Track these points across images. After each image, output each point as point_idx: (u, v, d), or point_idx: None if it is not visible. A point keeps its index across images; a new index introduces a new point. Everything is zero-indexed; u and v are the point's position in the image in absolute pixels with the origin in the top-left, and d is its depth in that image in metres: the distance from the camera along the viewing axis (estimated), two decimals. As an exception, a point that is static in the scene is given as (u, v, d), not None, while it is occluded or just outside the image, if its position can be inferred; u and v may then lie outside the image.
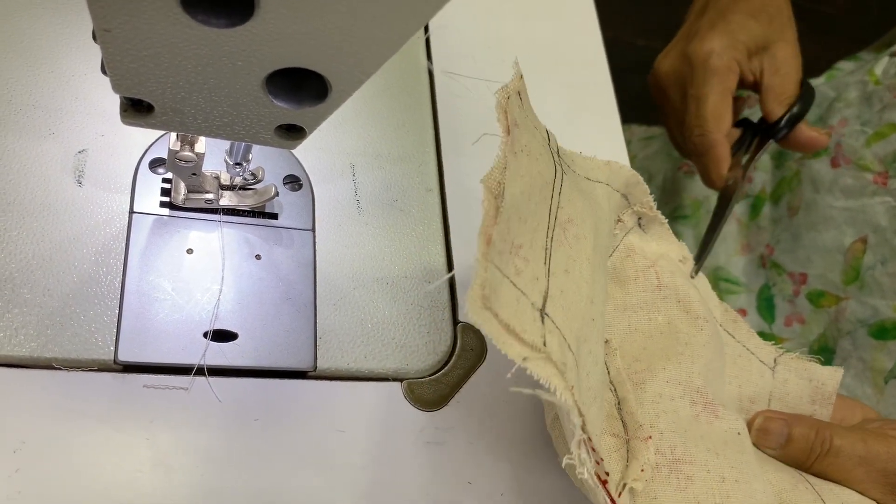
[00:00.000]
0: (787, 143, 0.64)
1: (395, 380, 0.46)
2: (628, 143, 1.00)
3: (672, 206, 0.89)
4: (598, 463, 0.36)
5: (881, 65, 0.74)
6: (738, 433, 0.44)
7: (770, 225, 0.81)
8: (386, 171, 0.53)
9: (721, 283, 0.82)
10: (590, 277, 0.41)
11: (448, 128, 0.58)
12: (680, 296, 0.49)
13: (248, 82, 0.30)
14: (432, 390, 0.47)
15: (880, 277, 0.68)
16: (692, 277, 0.50)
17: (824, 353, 0.72)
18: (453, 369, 0.48)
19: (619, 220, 0.51)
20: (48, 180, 0.44)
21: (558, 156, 0.44)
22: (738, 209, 0.85)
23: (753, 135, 0.65)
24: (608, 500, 0.37)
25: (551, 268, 0.37)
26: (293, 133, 0.35)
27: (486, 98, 0.61)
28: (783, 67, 0.62)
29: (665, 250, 0.52)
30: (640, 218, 0.53)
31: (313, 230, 0.48)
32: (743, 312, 0.80)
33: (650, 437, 0.42)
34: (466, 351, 0.49)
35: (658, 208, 0.52)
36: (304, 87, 0.30)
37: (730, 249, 0.84)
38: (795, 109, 0.62)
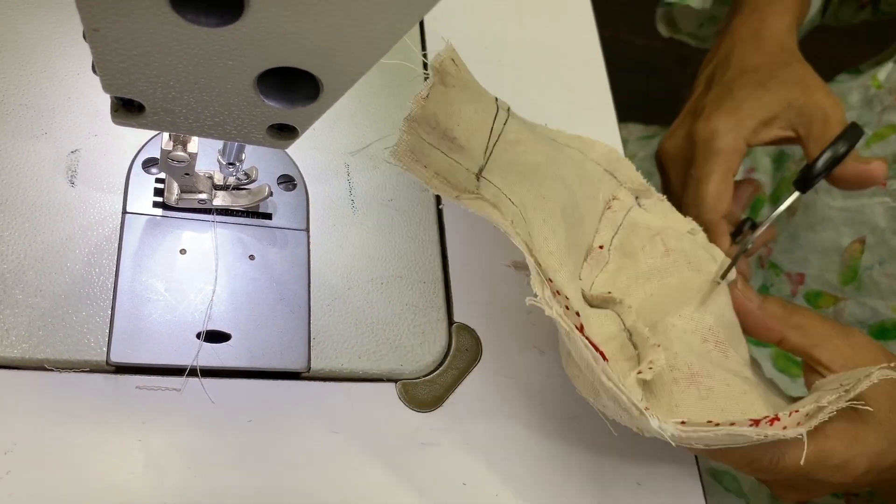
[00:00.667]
0: (837, 181, 0.59)
1: (389, 380, 0.46)
2: (626, 142, 1.00)
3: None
4: (567, 307, 0.40)
5: (885, 70, 0.74)
6: (748, 377, 0.45)
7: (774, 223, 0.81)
8: (381, 170, 0.53)
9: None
10: (544, 179, 0.45)
11: (443, 127, 0.57)
12: (689, 257, 0.50)
13: (239, 82, 0.30)
14: (427, 391, 0.47)
15: (878, 278, 0.68)
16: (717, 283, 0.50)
17: None
18: (448, 370, 0.48)
19: (614, 198, 0.53)
20: (40, 180, 0.44)
21: (509, 110, 0.47)
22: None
23: (752, 226, 0.61)
24: (587, 344, 0.38)
25: (493, 156, 0.44)
26: (285, 133, 0.34)
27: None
28: (817, 112, 0.58)
29: (671, 224, 0.53)
30: (637, 196, 0.54)
31: (307, 230, 0.48)
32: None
33: (658, 345, 0.43)
34: (461, 352, 0.49)
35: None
36: (295, 87, 0.30)
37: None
38: (836, 150, 0.56)
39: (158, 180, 0.46)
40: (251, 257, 0.46)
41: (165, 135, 0.39)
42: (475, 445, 0.46)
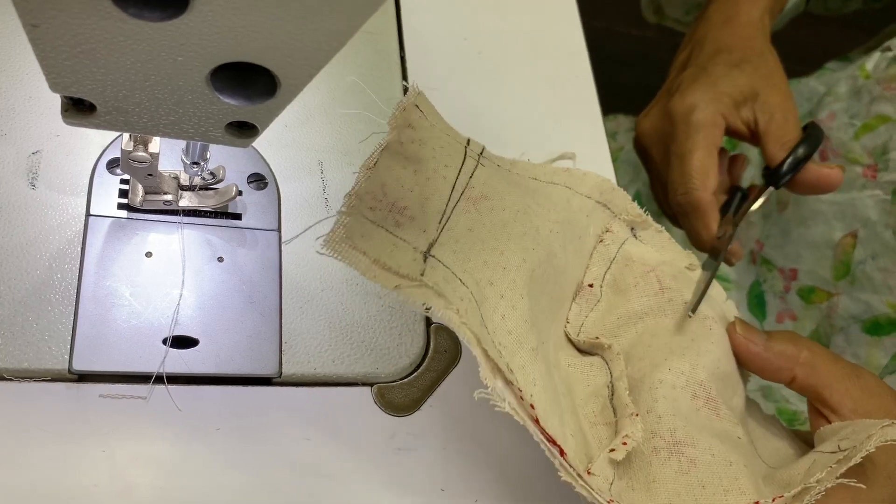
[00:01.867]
0: (796, 186, 0.60)
1: (364, 384, 0.45)
2: (615, 134, 0.99)
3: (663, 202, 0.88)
4: (520, 398, 0.37)
5: (872, 60, 0.73)
6: (739, 437, 0.43)
7: (760, 221, 0.80)
8: (356, 167, 0.51)
9: (712, 279, 0.81)
10: (508, 241, 0.42)
11: (421, 122, 0.56)
12: (685, 297, 0.47)
13: (191, 78, 0.28)
14: (404, 394, 0.45)
15: (871, 272, 0.67)
16: (689, 317, 0.47)
17: None
18: (426, 372, 0.47)
19: (608, 230, 0.50)
20: (0, 183, 0.43)
21: (480, 155, 0.45)
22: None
23: (743, 196, 0.61)
24: (540, 435, 0.37)
25: (448, 225, 0.41)
26: (245, 131, 0.33)
27: (461, 91, 0.60)
28: (777, 112, 0.59)
29: (669, 258, 0.50)
30: (632, 228, 0.51)
31: (279, 230, 0.47)
32: (734, 310, 0.79)
33: (636, 414, 0.41)
34: (440, 353, 0.47)
35: (645, 203, 0.51)
36: (251, 83, 0.29)
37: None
38: (800, 152, 0.57)
39: (123, 181, 0.45)
40: (220, 259, 0.44)
41: (125, 135, 0.38)
42: (454, 450, 0.45)
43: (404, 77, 0.58)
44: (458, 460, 0.45)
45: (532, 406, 0.37)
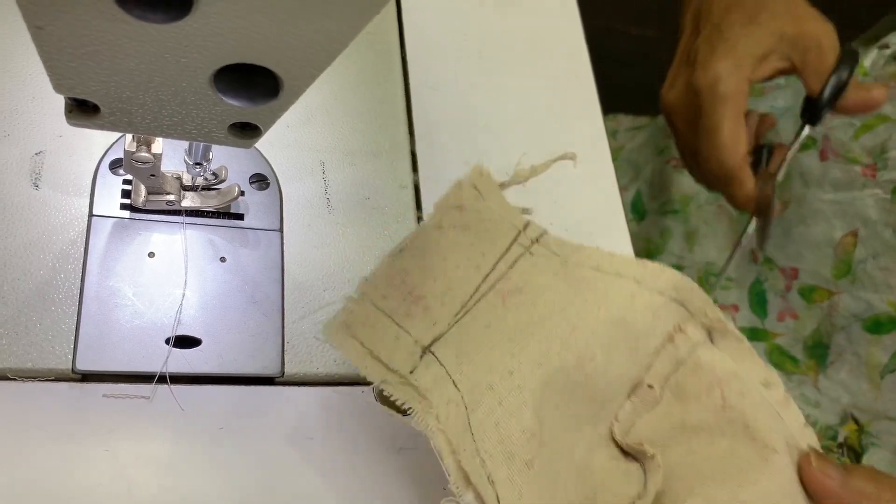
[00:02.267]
0: (842, 110, 0.60)
1: (366, 384, 0.45)
2: (615, 133, 0.99)
3: (661, 201, 0.88)
4: None
5: (870, 57, 0.73)
6: None
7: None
8: (357, 167, 0.52)
9: (711, 279, 0.81)
10: (528, 342, 0.40)
11: (422, 122, 0.56)
12: (748, 420, 0.42)
13: (194, 80, 0.29)
14: (405, 394, 0.45)
15: (872, 271, 0.67)
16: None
17: (818, 348, 0.71)
18: (427, 372, 0.47)
19: (680, 331, 0.45)
20: (3, 183, 0.43)
21: (535, 242, 0.44)
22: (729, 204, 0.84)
23: (769, 152, 0.62)
24: None
25: (464, 320, 0.40)
26: (248, 131, 0.33)
27: (462, 91, 0.60)
28: (810, 43, 0.58)
29: (743, 370, 0.45)
30: (709, 332, 0.46)
31: (281, 230, 0.47)
32: (735, 308, 0.79)
33: None
34: (441, 352, 0.48)
35: (646, 202, 0.50)
36: (254, 84, 0.29)
37: (720, 244, 0.82)
38: (837, 78, 0.57)
39: (126, 182, 0.45)
40: (222, 259, 0.44)
41: (128, 136, 0.38)
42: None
43: (405, 77, 0.58)
44: (459, 459, 0.45)
45: None
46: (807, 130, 0.59)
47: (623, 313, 0.44)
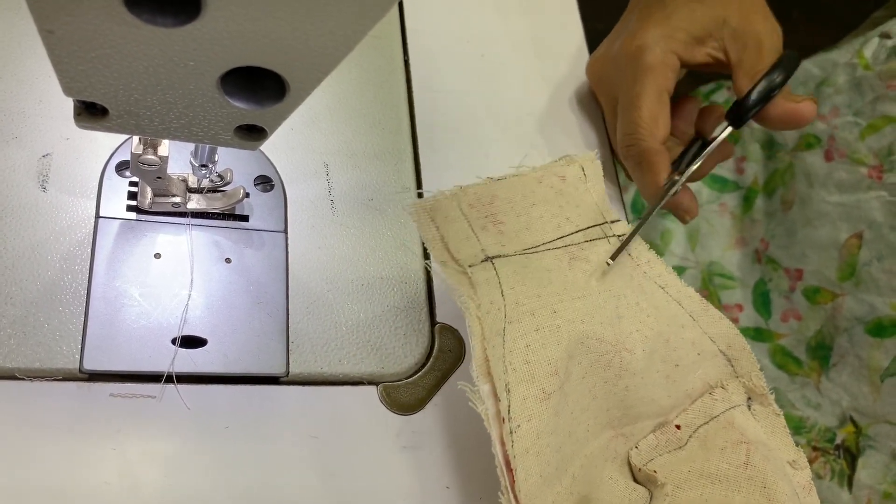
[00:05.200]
0: (765, 121, 0.53)
1: (370, 383, 0.46)
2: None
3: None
4: (501, 419, 0.37)
5: (871, 46, 0.72)
6: None
7: (764, 219, 0.80)
8: (361, 169, 0.52)
9: (715, 279, 0.81)
10: (577, 300, 0.41)
11: (425, 124, 0.57)
12: (767, 482, 0.42)
13: (202, 82, 0.29)
14: (409, 393, 0.46)
15: (877, 274, 0.67)
16: (608, 265, 0.44)
17: (821, 349, 0.71)
18: (430, 371, 0.47)
19: (721, 387, 0.46)
20: (11, 185, 0.43)
21: (616, 236, 0.46)
22: (731, 202, 0.84)
23: (702, 146, 0.53)
24: (499, 444, 0.37)
25: (528, 258, 0.42)
26: (254, 134, 0.33)
27: (464, 93, 0.60)
28: (749, 38, 0.52)
29: (774, 446, 0.45)
30: (749, 397, 0.46)
31: (285, 232, 0.47)
32: (739, 308, 0.79)
33: None
34: (444, 353, 0.48)
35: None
36: (261, 87, 0.29)
37: (723, 244, 0.83)
38: (770, 80, 0.51)
39: (132, 184, 0.45)
40: (227, 260, 0.45)
41: (135, 138, 0.38)
42: (459, 448, 0.46)
43: (408, 79, 0.58)
44: (462, 459, 0.45)
45: (511, 431, 0.36)
46: (728, 131, 0.52)
47: (669, 334, 0.44)
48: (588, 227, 0.45)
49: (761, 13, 0.53)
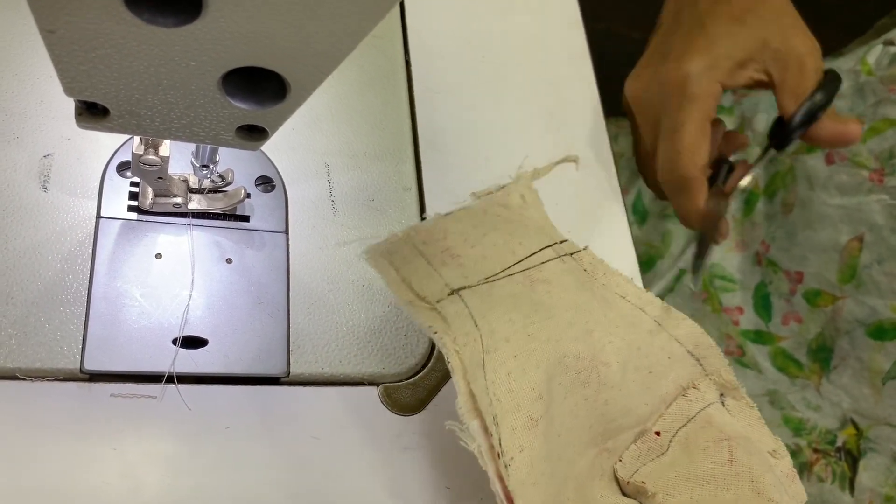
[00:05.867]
0: (812, 139, 0.55)
1: (371, 384, 0.46)
2: (616, 137, 0.99)
3: (662, 203, 0.88)
4: (496, 454, 0.36)
5: (874, 53, 0.72)
6: None
7: (764, 221, 0.80)
8: (362, 170, 0.52)
9: (716, 281, 0.81)
10: (547, 320, 0.41)
11: (426, 124, 0.57)
12: (754, 475, 0.42)
13: (203, 83, 0.29)
14: (409, 394, 0.46)
15: (877, 277, 0.67)
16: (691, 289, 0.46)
17: (822, 351, 0.71)
18: (431, 372, 0.47)
19: (693, 387, 0.46)
20: (12, 185, 0.43)
21: (569, 256, 0.46)
22: (732, 205, 0.84)
23: (729, 169, 0.56)
24: (497, 479, 0.36)
25: (494, 286, 0.41)
26: (255, 134, 0.33)
27: (465, 94, 0.60)
28: (791, 59, 0.53)
29: (753, 436, 0.46)
30: (722, 393, 0.47)
31: (286, 232, 0.47)
32: (740, 310, 0.79)
33: None
34: (445, 353, 0.48)
35: (647, 204, 0.50)
36: (262, 87, 0.29)
37: (724, 246, 0.83)
38: (814, 101, 0.52)
39: (133, 184, 0.45)
40: (228, 261, 0.45)
41: (136, 138, 0.38)
42: (459, 449, 0.45)
43: (409, 80, 0.58)
44: (463, 459, 0.45)
45: (506, 466, 0.36)
46: (772, 153, 0.54)
47: (640, 342, 0.45)
48: (540, 250, 0.45)
49: (801, 32, 0.54)
